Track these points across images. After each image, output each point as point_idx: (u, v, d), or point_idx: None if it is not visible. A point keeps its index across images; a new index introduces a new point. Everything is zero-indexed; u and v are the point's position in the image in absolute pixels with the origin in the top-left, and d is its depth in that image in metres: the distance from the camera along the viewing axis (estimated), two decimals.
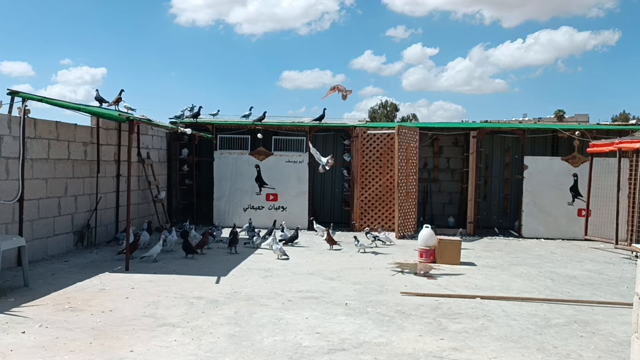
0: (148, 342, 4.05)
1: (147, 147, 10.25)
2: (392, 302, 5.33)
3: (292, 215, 10.77)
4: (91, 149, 8.28)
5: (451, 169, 12.31)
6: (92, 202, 8.30)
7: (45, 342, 3.99)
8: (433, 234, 7.67)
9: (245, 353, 3.87)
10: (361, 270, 6.94)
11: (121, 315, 4.68)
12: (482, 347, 4.13)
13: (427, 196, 12.08)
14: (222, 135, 11.16)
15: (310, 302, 5.29)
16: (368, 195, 10.74)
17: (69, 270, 6.48)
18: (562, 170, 10.25)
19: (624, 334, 4.50)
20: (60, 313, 4.71)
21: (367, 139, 10.74)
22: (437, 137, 12.04)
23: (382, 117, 54.18)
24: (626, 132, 10.32)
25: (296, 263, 7.31)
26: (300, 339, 4.18)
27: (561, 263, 7.83)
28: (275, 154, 10.96)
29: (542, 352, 4.05)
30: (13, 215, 6.55)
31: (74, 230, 7.88)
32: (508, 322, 4.78)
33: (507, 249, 8.96)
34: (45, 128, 7.21)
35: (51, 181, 7.31)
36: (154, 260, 7.08)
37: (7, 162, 6.46)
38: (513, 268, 7.32)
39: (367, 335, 4.34)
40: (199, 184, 11.65)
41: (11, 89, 6.52)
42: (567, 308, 5.31)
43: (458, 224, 11.22)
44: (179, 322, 4.54)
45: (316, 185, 11.85)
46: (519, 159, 11.13)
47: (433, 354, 3.94)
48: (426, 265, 7.38)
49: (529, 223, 10.35)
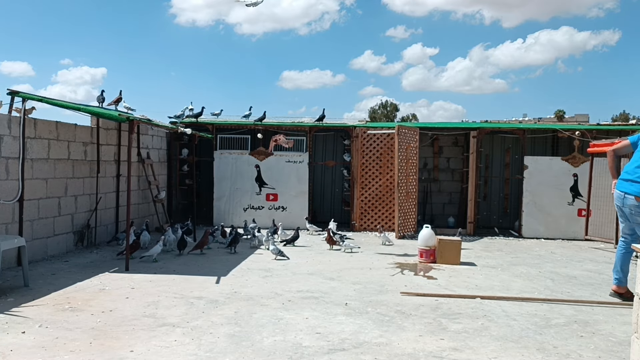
0: (148, 342, 4.05)
1: (147, 147, 10.25)
2: (392, 302, 5.33)
3: (292, 215, 10.78)
4: (91, 149, 8.28)
5: (451, 169, 12.31)
6: (92, 202, 8.30)
7: (45, 342, 3.98)
8: (433, 234, 7.67)
9: (245, 353, 3.87)
10: (361, 270, 6.94)
11: (121, 315, 4.68)
12: (482, 347, 4.13)
13: (427, 196, 12.08)
14: (222, 135, 11.17)
15: (310, 302, 5.29)
16: (368, 196, 10.74)
17: (69, 270, 6.48)
18: (562, 170, 10.26)
19: (624, 334, 4.50)
20: (60, 313, 4.71)
21: (367, 139, 10.74)
22: (437, 137, 12.05)
23: (382, 117, 54.20)
24: (626, 132, 10.31)
25: (296, 263, 7.31)
26: (300, 339, 4.18)
27: (561, 263, 7.83)
28: (275, 154, 10.96)
29: (542, 352, 4.05)
30: (13, 215, 6.55)
31: (74, 230, 7.88)
32: (508, 322, 4.78)
33: (507, 249, 8.97)
34: (45, 128, 7.21)
35: (51, 181, 7.32)
36: (154, 260, 7.08)
37: (7, 162, 6.46)
38: (513, 268, 7.32)
39: (367, 335, 4.34)
40: (199, 184, 11.64)
41: (11, 89, 6.51)
42: (567, 308, 5.31)
43: (458, 224, 11.22)
44: (179, 322, 4.54)
45: (316, 185, 11.86)
46: (519, 159, 11.13)
47: (433, 354, 3.94)
48: (426, 265, 7.38)
49: (529, 223, 10.35)
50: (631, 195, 5.24)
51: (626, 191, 5.29)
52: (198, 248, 7.79)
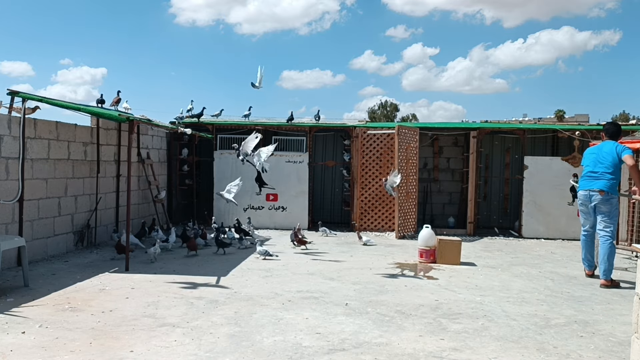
0: (148, 342, 4.05)
1: (147, 147, 10.25)
2: (392, 302, 5.33)
3: (292, 215, 10.78)
4: (91, 149, 8.28)
5: (451, 169, 12.31)
6: (92, 202, 8.30)
7: (45, 343, 3.99)
8: (433, 234, 7.67)
9: (245, 353, 3.87)
10: (361, 270, 6.94)
11: (121, 316, 4.68)
12: (482, 347, 4.13)
13: (427, 196, 12.08)
14: (222, 135, 11.16)
15: (310, 302, 5.29)
16: (368, 196, 10.74)
17: (68, 271, 6.48)
18: (562, 170, 10.25)
19: (624, 334, 4.50)
20: (60, 313, 4.71)
21: (367, 139, 10.74)
22: (437, 137, 12.05)
23: (382, 117, 54.19)
24: (626, 132, 10.31)
25: (296, 263, 7.31)
26: (300, 339, 4.18)
27: (561, 263, 7.83)
28: (275, 154, 10.93)
29: (542, 352, 4.05)
30: (13, 216, 6.55)
31: (74, 231, 7.88)
32: (508, 322, 4.79)
33: (507, 249, 8.97)
34: (45, 128, 7.21)
35: (51, 181, 7.32)
36: (151, 261, 7.06)
37: (7, 162, 6.46)
38: (513, 268, 7.32)
39: (367, 335, 4.34)
40: (199, 184, 11.65)
41: (11, 89, 6.51)
42: (567, 308, 5.31)
43: (458, 224, 11.23)
44: (179, 322, 4.54)
45: (316, 185, 11.86)
46: (519, 159, 11.13)
47: (433, 354, 3.94)
48: (426, 266, 7.38)
49: (529, 223, 10.35)
50: (596, 191, 6.35)
51: (590, 188, 6.41)
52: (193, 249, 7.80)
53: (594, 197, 6.36)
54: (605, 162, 6.33)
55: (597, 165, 6.40)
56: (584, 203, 6.52)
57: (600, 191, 6.28)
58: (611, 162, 6.30)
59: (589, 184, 6.44)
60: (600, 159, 6.39)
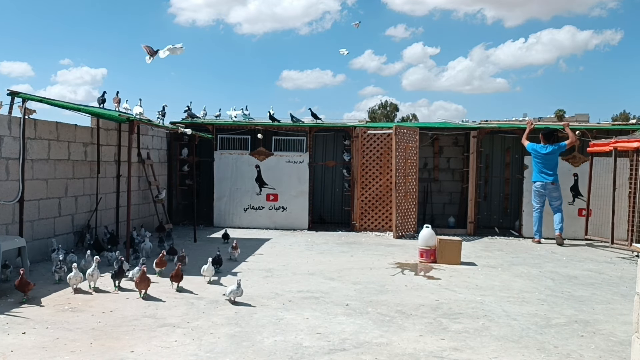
0: (148, 342, 4.05)
1: (147, 147, 10.25)
2: (393, 302, 5.33)
3: (292, 215, 10.78)
4: (91, 150, 8.28)
5: (451, 169, 12.31)
6: (92, 203, 8.30)
7: (45, 343, 3.99)
8: (433, 234, 7.67)
9: (245, 353, 3.87)
10: (361, 270, 6.94)
11: (121, 316, 4.68)
12: (483, 347, 4.13)
13: (428, 196, 12.07)
14: (222, 135, 11.17)
15: (311, 302, 5.29)
16: (368, 196, 10.74)
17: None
18: (562, 170, 10.24)
19: (625, 333, 4.50)
20: (60, 314, 4.72)
21: (367, 139, 10.74)
22: (437, 137, 12.05)
23: (382, 117, 54.18)
24: (626, 132, 10.31)
25: (296, 263, 7.31)
26: (300, 339, 4.18)
27: (561, 263, 7.83)
28: (275, 154, 10.96)
29: (542, 352, 4.05)
30: (13, 216, 6.55)
31: (74, 231, 7.88)
32: (509, 322, 4.79)
33: (507, 249, 8.96)
34: (45, 128, 7.21)
35: (51, 182, 7.32)
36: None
37: (7, 163, 6.46)
38: (514, 268, 7.32)
39: (367, 335, 4.34)
40: (199, 184, 11.64)
41: (11, 90, 6.52)
42: (567, 308, 5.31)
43: (458, 224, 11.22)
44: (179, 322, 4.54)
45: (316, 185, 11.86)
46: (519, 159, 11.13)
47: (434, 354, 3.94)
48: (427, 265, 7.38)
49: (530, 223, 10.33)
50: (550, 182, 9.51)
51: (545, 181, 9.56)
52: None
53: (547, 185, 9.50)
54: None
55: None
56: (540, 191, 9.63)
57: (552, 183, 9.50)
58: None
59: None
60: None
